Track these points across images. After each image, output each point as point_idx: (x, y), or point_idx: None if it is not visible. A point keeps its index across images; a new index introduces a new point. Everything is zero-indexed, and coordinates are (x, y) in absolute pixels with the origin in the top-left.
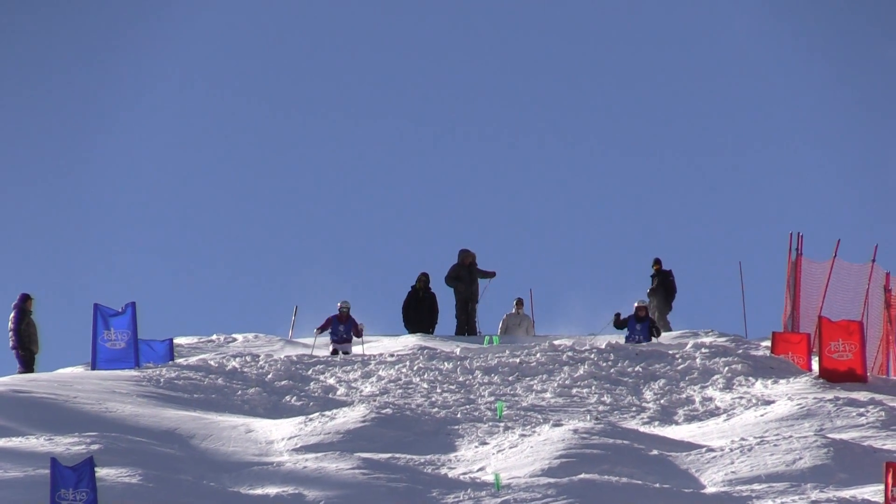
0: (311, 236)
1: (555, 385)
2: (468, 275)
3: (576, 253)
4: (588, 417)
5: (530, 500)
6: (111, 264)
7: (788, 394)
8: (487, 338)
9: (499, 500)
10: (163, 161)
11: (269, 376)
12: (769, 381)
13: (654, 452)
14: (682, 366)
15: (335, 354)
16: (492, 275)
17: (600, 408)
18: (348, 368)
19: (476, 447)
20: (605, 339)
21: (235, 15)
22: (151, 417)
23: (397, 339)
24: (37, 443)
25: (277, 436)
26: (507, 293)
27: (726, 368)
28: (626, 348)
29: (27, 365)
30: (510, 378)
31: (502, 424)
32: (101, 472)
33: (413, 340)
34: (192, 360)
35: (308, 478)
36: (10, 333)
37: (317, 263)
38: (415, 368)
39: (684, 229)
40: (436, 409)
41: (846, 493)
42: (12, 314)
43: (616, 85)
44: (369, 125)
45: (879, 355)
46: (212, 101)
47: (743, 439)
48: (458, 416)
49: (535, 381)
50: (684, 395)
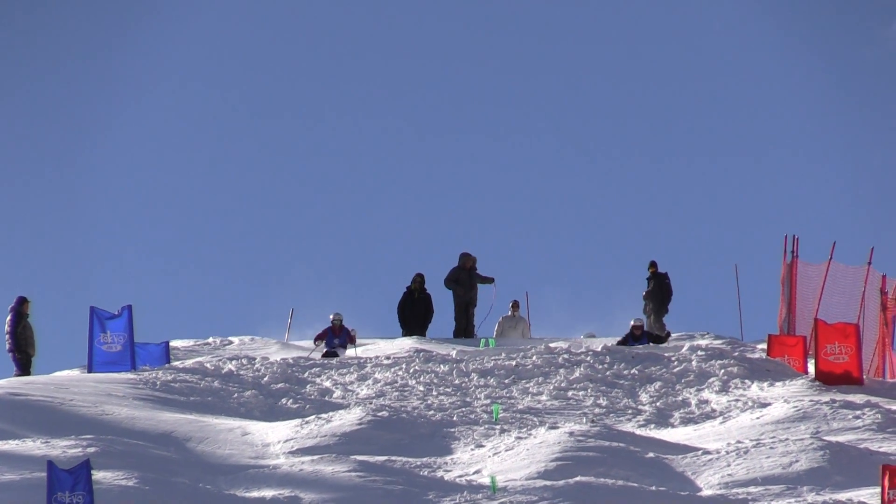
0: (306, 239)
1: (551, 388)
2: (468, 278)
3: (572, 255)
4: (584, 420)
5: (526, 502)
6: (108, 267)
7: (784, 396)
8: (483, 340)
9: (495, 502)
10: (159, 164)
11: (266, 379)
12: (765, 384)
13: (651, 455)
14: (678, 368)
15: (330, 357)
16: (490, 280)
17: (596, 410)
18: (344, 371)
19: (472, 450)
20: (600, 341)
21: (233, 17)
22: (148, 420)
23: (393, 342)
24: (33, 446)
25: (273, 438)
26: (503, 296)
27: (722, 371)
28: (622, 351)
29: (23, 368)
30: (506, 381)
31: (498, 427)
32: (97, 475)
33: (409, 343)
34: (189, 362)
35: (304, 480)
36: (7, 336)
37: (313, 266)
38: (411, 371)
39: (680, 232)
40: (432, 412)
41: (842, 496)
42: (8, 317)
43: (613, 88)
44: (365, 128)
45: (875, 358)
46: (208, 105)
47: (739, 442)
48: (455, 418)
49: (531, 384)
50: (680, 398)
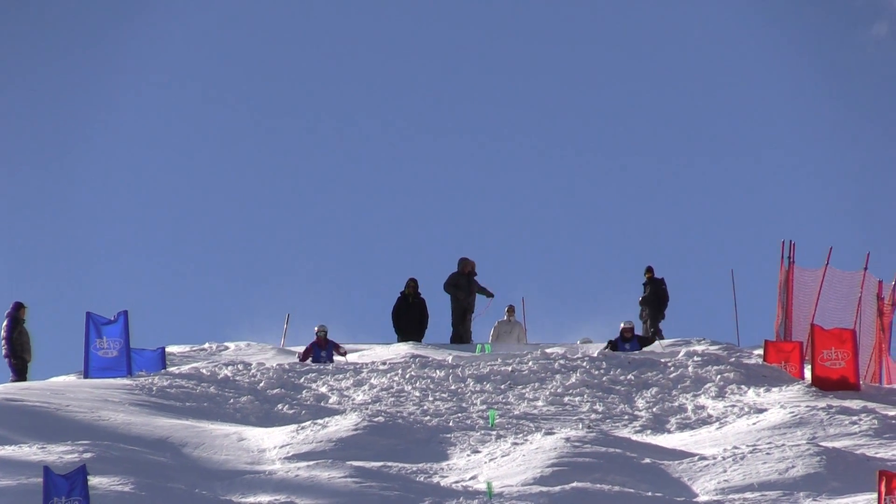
0: (302, 244)
1: (547, 393)
2: (467, 284)
3: (568, 260)
4: (580, 426)
5: None
6: (104, 273)
7: (781, 402)
8: (479, 346)
9: None
10: (155, 170)
11: (262, 384)
12: (761, 390)
13: (647, 461)
14: (674, 374)
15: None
16: (490, 295)
17: (592, 416)
18: (340, 377)
19: (468, 455)
20: (596, 347)
21: (224, 20)
22: (144, 426)
23: (389, 348)
24: (29, 451)
25: (269, 444)
26: (499, 301)
27: (718, 377)
28: (619, 356)
29: (20, 373)
30: (502, 386)
31: (494, 433)
32: (93, 480)
33: (405, 349)
34: (185, 368)
35: (300, 486)
36: (3, 342)
37: (308, 271)
38: (407, 377)
39: (676, 237)
40: (428, 418)
41: (839, 502)
42: (4, 322)
43: (610, 92)
44: (360, 132)
45: (872, 363)
46: (203, 111)
47: (735, 447)
48: (451, 424)
49: (528, 390)
50: (676, 404)
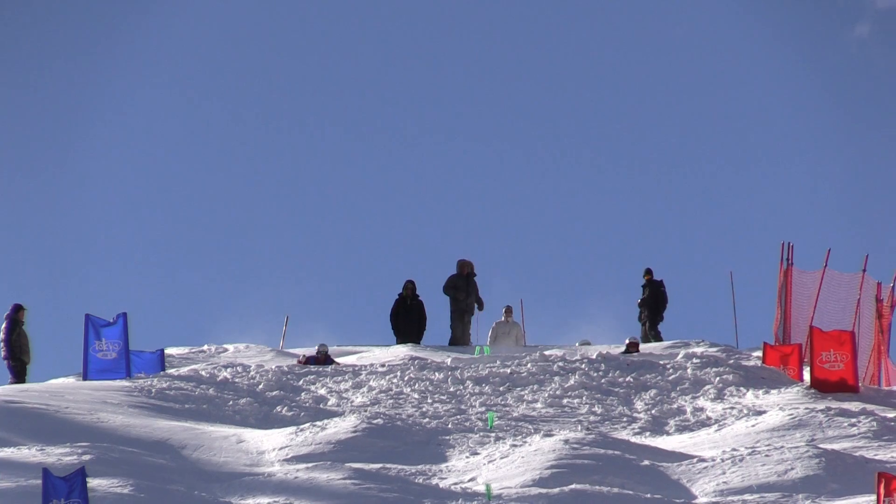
0: (301, 247)
1: (546, 395)
2: (465, 285)
3: (567, 262)
4: (579, 428)
5: None
6: (103, 275)
7: (780, 404)
8: (478, 348)
9: None
10: (154, 172)
11: (260, 386)
12: (760, 392)
13: (646, 463)
14: (673, 376)
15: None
16: (480, 306)
17: (591, 418)
18: (339, 379)
19: (467, 457)
20: (595, 349)
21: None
22: (143, 428)
23: (388, 350)
24: (28, 453)
25: (268, 446)
26: (497, 303)
27: (717, 379)
28: (618, 359)
29: (18, 375)
30: (501, 388)
31: (493, 435)
32: (92, 482)
33: (404, 351)
34: (184, 370)
35: (299, 488)
36: (2, 344)
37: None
38: (405, 379)
39: (675, 239)
40: (427, 420)
41: None
42: (3, 324)
43: (608, 94)
44: (359, 133)
45: (871, 365)
46: (202, 111)
47: (734, 450)
48: (449, 426)
49: (526, 392)
50: (675, 406)
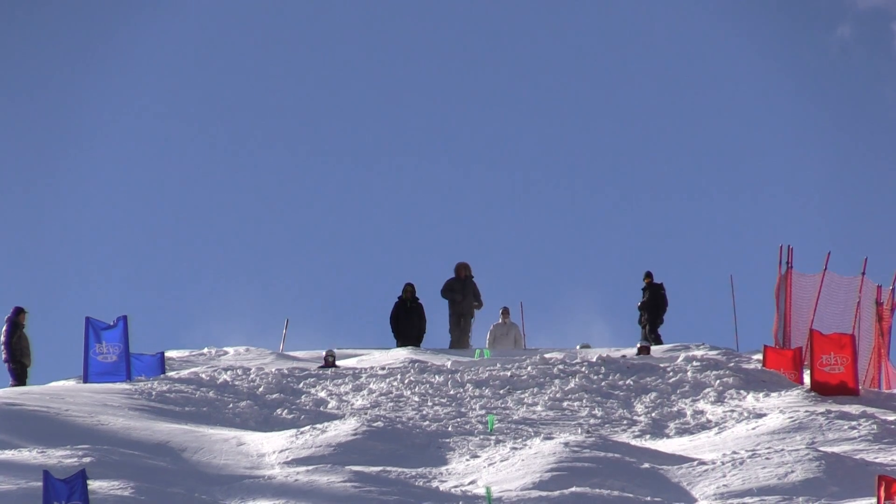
0: (301, 249)
1: (546, 398)
2: (462, 288)
3: (567, 265)
4: (579, 431)
5: None
6: (103, 278)
7: (780, 407)
8: (478, 351)
9: None
10: (153, 174)
11: (261, 389)
12: (761, 395)
13: (646, 466)
14: (673, 379)
15: (325, 367)
16: (479, 304)
17: (591, 421)
18: (339, 382)
19: (467, 460)
20: (595, 352)
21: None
22: (143, 430)
23: (388, 353)
24: (29, 455)
25: (269, 449)
26: (496, 305)
27: (718, 382)
28: (618, 361)
29: (19, 378)
30: (501, 391)
31: (493, 437)
32: (93, 484)
33: (404, 353)
34: (184, 373)
35: (299, 491)
36: (2, 346)
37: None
38: (406, 382)
39: (675, 243)
40: (427, 423)
41: None
42: (4, 327)
43: (606, 95)
44: (358, 135)
45: (871, 368)
46: (201, 113)
47: (734, 452)
48: (450, 429)
49: (527, 395)
50: (675, 409)
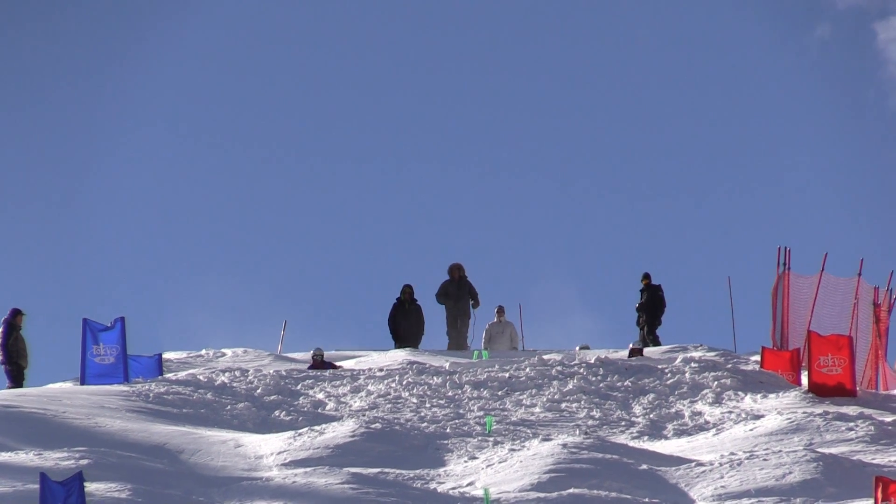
0: (299, 251)
1: (544, 400)
2: (456, 290)
3: (565, 267)
4: (577, 432)
5: None
6: (100, 279)
7: (778, 408)
8: (476, 352)
9: None
10: (152, 175)
11: (259, 391)
12: (758, 396)
13: (644, 467)
14: (671, 380)
15: (322, 369)
16: (475, 301)
17: (589, 422)
18: (337, 383)
19: (465, 462)
20: (594, 353)
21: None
22: (141, 432)
23: (386, 354)
24: (26, 458)
25: (266, 450)
26: (494, 306)
27: (715, 383)
28: (616, 363)
29: (16, 380)
30: (499, 393)
31: (491, 439)
32: (90, 486)
33: (402, 355)
34: (181, 374)
35: (297, 492)
36: None
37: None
38: (404, 383)
39: (673, 244)
40: (425, 424)
41: None
42: (1, 329)
43: (604, 97)
44: (357, 135)
45: (868, 369)
46: (200, 114)
47: (732, 454)
48: (448, 430)
49: (525, 396)
50: (674, 410)
